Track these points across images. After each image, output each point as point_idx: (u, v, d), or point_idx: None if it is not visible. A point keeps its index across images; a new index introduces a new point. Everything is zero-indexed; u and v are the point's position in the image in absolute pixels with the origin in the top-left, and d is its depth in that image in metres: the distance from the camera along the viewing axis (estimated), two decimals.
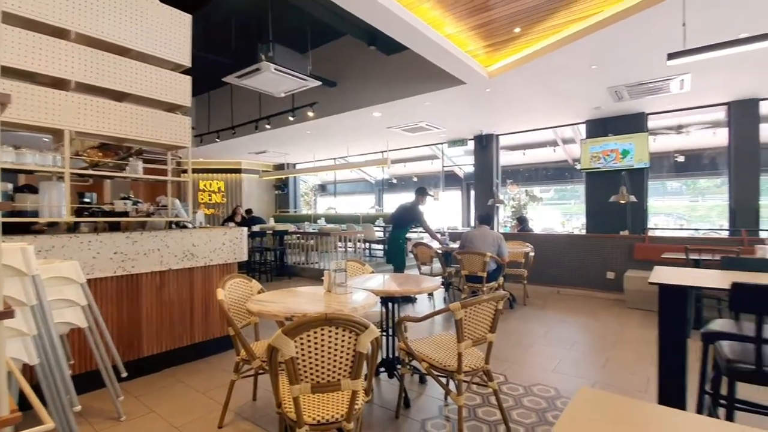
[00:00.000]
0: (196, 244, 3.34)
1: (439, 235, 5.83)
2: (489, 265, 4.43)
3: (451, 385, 2.14)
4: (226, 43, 5.77)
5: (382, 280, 2.78)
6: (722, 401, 1.93)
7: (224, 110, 8.36)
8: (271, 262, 7.81)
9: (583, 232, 7.51)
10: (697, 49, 2.94)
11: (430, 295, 5.74)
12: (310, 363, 1.52)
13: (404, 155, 12.26)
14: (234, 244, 3.62)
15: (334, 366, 1.53)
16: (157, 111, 3.30)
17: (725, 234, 6.21)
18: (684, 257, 4.13)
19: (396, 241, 5.36)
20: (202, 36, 4.56)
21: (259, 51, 4.28)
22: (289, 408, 1.57)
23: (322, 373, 1.53)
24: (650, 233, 6.53)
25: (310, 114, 6.76)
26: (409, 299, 5.44)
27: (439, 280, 3.19)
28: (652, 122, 6.94)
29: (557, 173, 11.58)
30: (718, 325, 2.27)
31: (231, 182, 12.55)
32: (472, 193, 9.30)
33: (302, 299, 2.21)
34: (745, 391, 2.00)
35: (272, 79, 4.66)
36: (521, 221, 7.33)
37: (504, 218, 9.95)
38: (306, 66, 4.83)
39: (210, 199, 12.38)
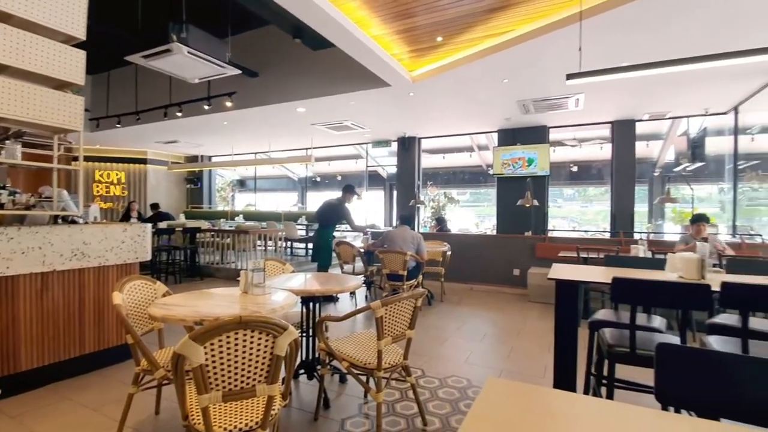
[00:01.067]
0: (88, 242, 2.94)
1: (368, 229, 5.86)
2: (409, 264, 4.57)
3: (372, 383, 2.17)
4: (131, 18, 5.18)
5: (304, 280, 2.72)
6: (604, 381, 2.22)
7: (127, 93, 7.50)
8: (181, 263, 7.20)
9: (495, 232, 8.12)
10: (590, 72, 3.34)
11: (352, 293, 5.76)
12: (222, 370, 1.42)
13: (329, 153, 12.15)
14: (135, 242, 3.26)
15: (249, 371, 1.45)
16: (43, 88, 2.85)
17: (608, 235, 7.15)
18: (576, 255, 4.68)
19: (324, 239, 5.28)
20: (102, 7, 4.04)
21: (171, 31, 3.92)
22: (197, 419, 1.46)
23: (236, 379, 1.45)
24: (550, 234, 7.28)
25: (228, 104, 6.37)
26: (332, 298, 5.40)
27: (360, 278, 3.21)
28: (552, 135, 7.74)
29: (473, 177, 12.38)
30: (602, 314, 2.60)
31: (134, 173, 11.31)
32: (395, 193, 9.53)
33: (215, 301, 2.07)
34: (622, 371, 2.31)
35: (185, 62, 4.29)
36: (440, 222, 7.69)
37: (424, 218, 10.36)
38: (224, 52, 4.53)
39: (108, 192, 11.04)
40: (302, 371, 2.80)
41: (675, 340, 2.06)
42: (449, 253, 5.78)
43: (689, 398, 0.88)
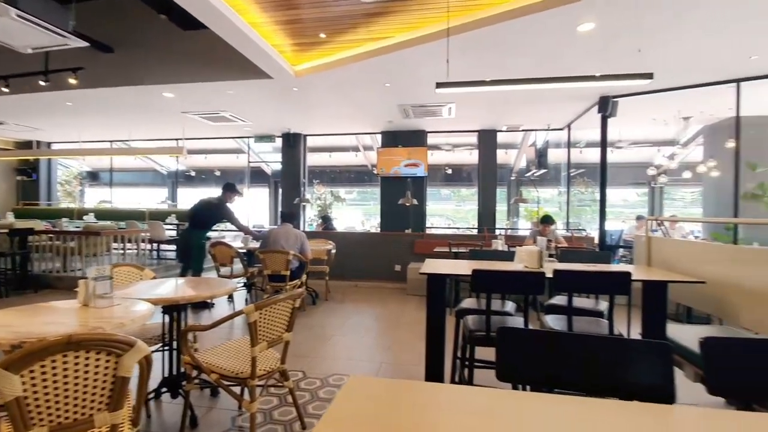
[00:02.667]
0: None
1: (255, 231, 5.49)
2: (292, 264, 4.45)
3: (246, 393, 2.04)
4: None
5: (168, 287, 2.42)
6: (467, 362, 2.46)
7: None
8: (7, 272, 5.82)
9: (379, 230, 8.42)
10: (456, 83, 3.67)
11: (231, 298, 5.38)
12: (49, 401, 1.18)
13: (205, 146, 11.14)
14: None
15: (86, 399, 1.23)
16: None
17: (476, 231, 8.01)
18: (448, 250, 5.13)
19: (197, 241, 4.80)
20: None
21: None
22: None
23: (67, 410, 1.21)
24: (428, 231, 7.85)
25: (73, 81, 5.34)
26: (205, 305, 4.95)
27: (234, 282, 3.00)
28: (430, 139, 8.36)
29: (359, 176, 12.67)
30: (467, 303, 2.89)
31: None
32: (280, 191, 9.19)
33: (46, 318, 1.71)
34: (482, 352, 2.60)
35: (13, 27, 3.45)
36: (325, 220, 7.67)
37: (311, 217, 10.22)
38: (67, 20, 3.77)
39: None
40: (165, 389, 2.50)
41: (521, 320, 2.39)
42: (334, 251, 5.80)
43: (524, 374, 1.02)
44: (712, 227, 6.41)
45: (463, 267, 2.68)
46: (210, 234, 5.35)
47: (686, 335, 2.42)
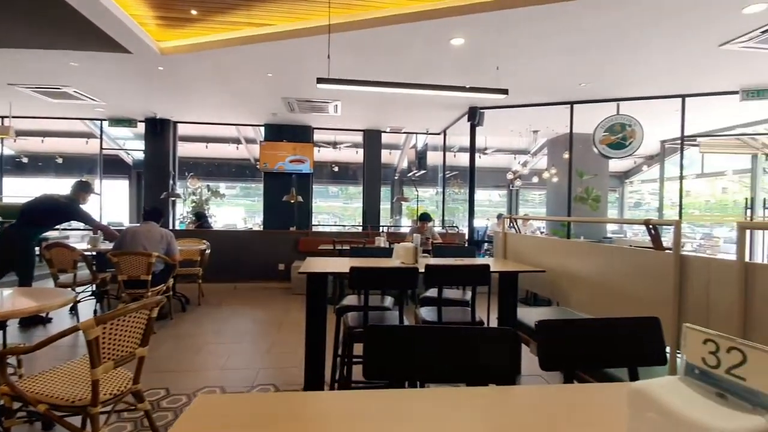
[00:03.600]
0: None
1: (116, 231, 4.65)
2: (155, 267, 3.93)
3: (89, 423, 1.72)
4: None
5: None
6: (346, 359, 2.48)
7: None
8: None
9: (262, 228, 8.01)
10: (336, 79, 3.66)
11: (73, 310, 4.52)
12: None
13: (43, 126, 9.17)
14: None
15: None
16: None
17: (360, 229, 8.19)
18: (333, 248, 5.13)
19: (25, 243, 3.88)
20: None
21: None
22: None
23: None
24: (314, 229, 7.75)
25: None
26: (40, 320, 4.08)
27: (71, 292, 2.52)
28: (317, 135, 8.26)
29: (240, 171, 11.86)
30: (348, 300, 2.91)
31: None
32: (144, 183, 8.07)
33: None
34: (360, 349, 2.64)
35: None
36: (199, 217, 6.99)
37: (183, 214, 9.21)
38: None
39: None
40: None
41: (396, 315, 2.49)
42: (209, 251, 5.32)
43: (387, 370, 1.05)
44: (553, 224, 7.66)
45: (345, 265, 2.70)
46: (47, 234, 4.42)
47: (531, 316, 2.83)
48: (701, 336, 0.54)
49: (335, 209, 15.29)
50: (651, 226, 1.87)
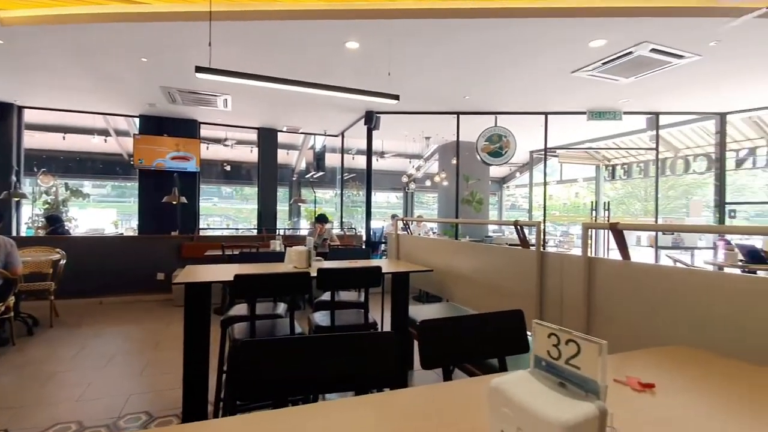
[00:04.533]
0: None
1: None
2: None
3: None
4: None
5: None
6: (232, 377, 2.29)
7: None
8: None
9: (137, 233, 7.07)
10: (218, 70, 3.38)
11: None
12: None
13: None
14: None
15: None
16: None
17: (256, 232, 7.76)
18: (221, 253, 4.75)
19: None
20: None
21: None
22: None
23: None
24: (201, 233, 7.10)
25: None
26: None
27: None
28: (205, 131, 7.59)
29: (109, 167, 10.31)
30: (235, 310, 2.71)
31: None
32: None
33: None
34: None
35: None
36: (52, 221, 5.88)
37: (31, 217, 7.67)
38: None
39: None
40: None
41: (288, 322, 2.39)
42: (64, 261, 4.50)
43: (265, 388, 0.98)
44: (444, 224, 8.21)
45: (232, 271, 2.49)
46: None
47: (422, 314, 2.97)
48: (546, 330, 0.59)
49: (229, 211, 14.28)
50: (519, 227, 2.10)
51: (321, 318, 2.55)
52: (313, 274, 2.23)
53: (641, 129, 7.09)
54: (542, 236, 7.12)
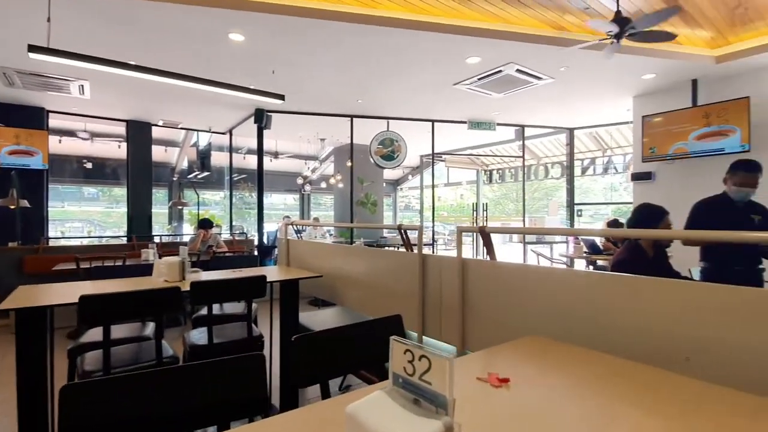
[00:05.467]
0: None
1: None
2: None
3: None
4: None
5: None
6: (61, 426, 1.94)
7: None
8: None
9: None
10: (58, 51, 2.86)
11: None
12: None
13: None
14: None
15: None
16: None
17: (126, 240, 6.78)
18: (76, 267, 4.02)
19: None
20: None
21: None
22: None
23: None
24: (51, 243, 5.95)
25: None
26: None
27: None
28: (57, 122, 6.38)
29: None
30: (90, 335, 2.30)
31: None
32: None
33: None
34: None
35: None
36: None
37: None
38: None
39: None
40: None
41: (164, 343, 2.11)
42: None
43: None
44: (340, 227, 8.22)
45: (80, 291, 2.10)
46: None
47: (314, 320, 2.90)
48: (402, 346, 0.59)
49: (94, 215, 12.28)
50: (402, 231, 2.17)
51: (198, 336, 2.31)
52: (186, 288, 2.00)
53: (511, 139, 8.03)
54: (432, 237, 7.60)
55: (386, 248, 7.17)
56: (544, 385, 0.98)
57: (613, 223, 5.29)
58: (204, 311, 2.86)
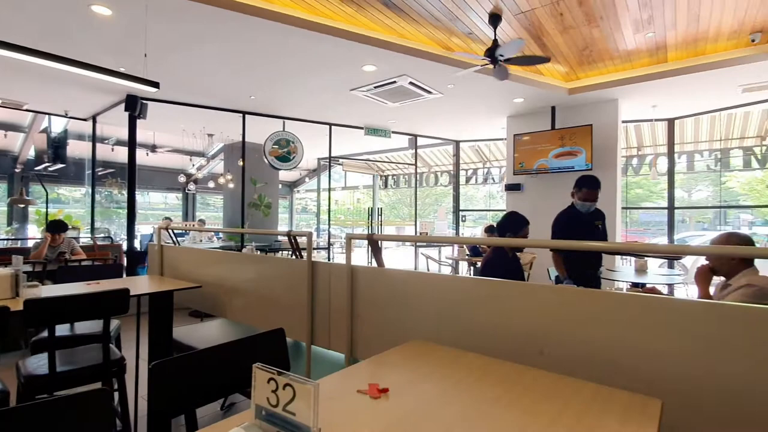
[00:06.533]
0: None
1: None
2: None
3: None
4: None
5: None
6: None
7: None
8: None
9: None
10: None
11: None
12: None
13: None
14: None
15: None
16: None
17: None
18: None
19: None
20: None
21: None
22: None
23: None
24: None
25: None
26: None
27: None
28: None
29: None
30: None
31: None
32: None
33: None
34: None
35: None
36: None
37: None
38: None
39: None
40: None
41: None
42: None
43: None
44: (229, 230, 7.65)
45: None
46: None
47: (190, 337, 2.62)
48: (265, 375, 0.54)
49: None
50: (292, 237, 2.09)
51: (36, 364, 1.90)
52: (19, 307, 1.63)
53: (405, 147, 8.42)
54: (328, 242, 7.52)
55: (279, 254, 6.89)
56: (422, 391, 1.01)
57: (490, 228, 5.88)
58: (44, 333, 2.38)
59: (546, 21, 3.74)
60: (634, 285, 3.44)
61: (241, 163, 6.61)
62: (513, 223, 2.62)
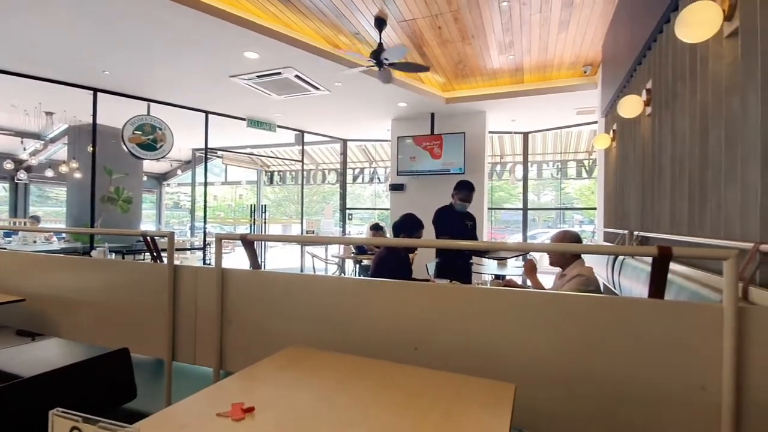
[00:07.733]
0: None
1: None
2: None
3: None
4: None
5: None
6: None
7: None
8: None
9: None
10: None
11: None
12: None
13: None
14: None
15: None
16: None
17: None
18: None
19: None
20: None
21: None
22: None
23: None
24: None
25: None
26: None
27: None
28: None
29: None
30: None
31: None
32: None
33: None
34: None
35: None
36: None
37: None
38: None
39: None
40: None
41: None
42: None
43: None
44: (78, 228, 6.41)
45: None
46: None
47: (17, 360, 2.09)
48: (67, 424, 0.42)
49: None
50: (148, 239, 1.81)
51: None
52: None
53: (292, 143, 8.15)
54: (204, 241, 6.83)
55: (142, 256, 6.02)
56: (293, 403, 0.95)
57: (375, 226, 6.04)
58: None
59: (426, 32, 3.97)
60: (497, 277, 3.89)
61: (91, 150, 5.57)
62: (408, 226, 2.75)
